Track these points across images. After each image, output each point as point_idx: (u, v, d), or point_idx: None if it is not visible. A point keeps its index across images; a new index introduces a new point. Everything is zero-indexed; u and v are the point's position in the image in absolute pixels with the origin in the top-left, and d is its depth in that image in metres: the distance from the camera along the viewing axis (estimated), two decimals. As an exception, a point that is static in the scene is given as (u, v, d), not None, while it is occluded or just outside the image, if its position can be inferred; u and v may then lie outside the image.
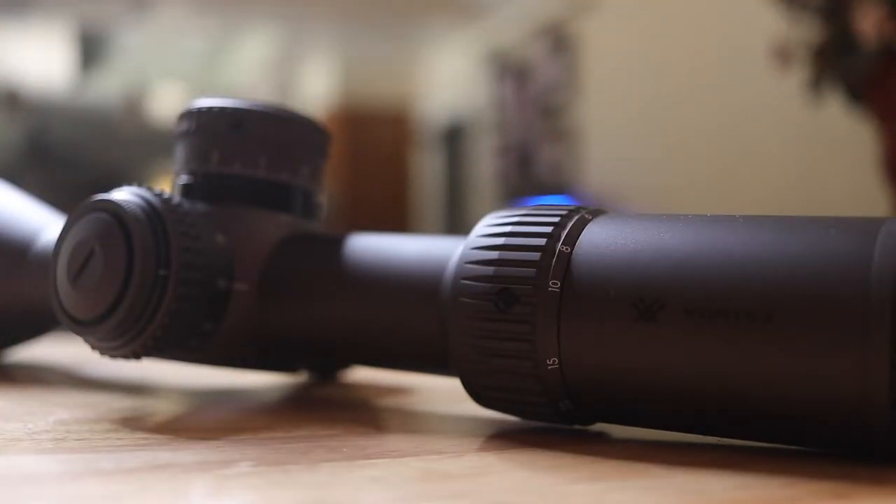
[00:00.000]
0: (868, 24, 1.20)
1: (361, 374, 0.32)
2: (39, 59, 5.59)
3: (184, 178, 0.27)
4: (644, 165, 3.56)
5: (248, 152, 0.26)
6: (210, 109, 0.26)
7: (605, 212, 0.22)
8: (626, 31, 3.74)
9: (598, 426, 0.22)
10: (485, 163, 4.97)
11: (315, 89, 6.13)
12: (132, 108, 5.37)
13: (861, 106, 1.39)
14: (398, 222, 5.53)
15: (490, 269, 0.21)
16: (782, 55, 1.43)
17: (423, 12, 4.69)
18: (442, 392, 0.29)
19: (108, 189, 0.25)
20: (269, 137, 0.26)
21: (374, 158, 6.02)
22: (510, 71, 4.69)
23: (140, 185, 0.25)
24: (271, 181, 0.26)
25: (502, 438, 0.22)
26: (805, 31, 1.39)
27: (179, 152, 0.27)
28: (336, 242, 0.26)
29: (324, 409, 0.27)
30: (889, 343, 0.17)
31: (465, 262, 0.22)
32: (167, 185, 0.28)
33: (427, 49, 5.61)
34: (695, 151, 3.24)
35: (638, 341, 0.19)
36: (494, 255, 0.21)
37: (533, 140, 4.46)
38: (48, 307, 0.25)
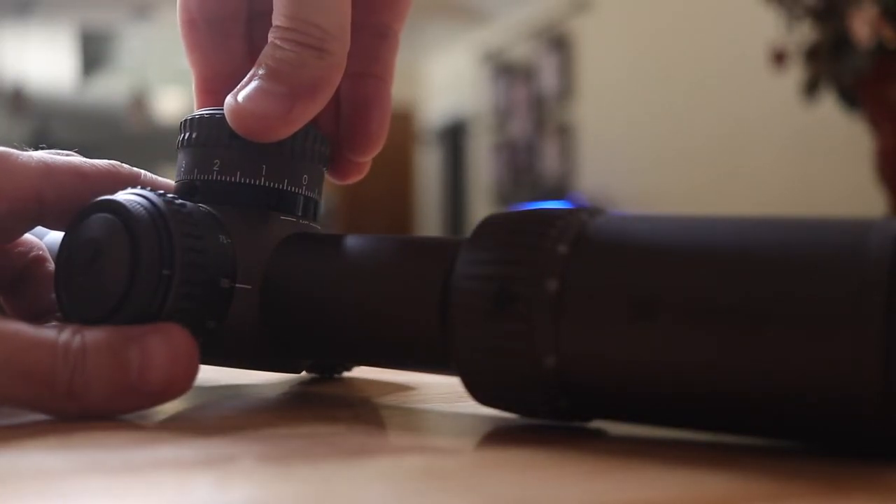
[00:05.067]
0: (862, 25, 1.20)
1: (362, 373, 0.32)
2: (43, 61, 5.58)
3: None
4: (639, 166, 3.56)
5: (248, 161, 0.26)
6: (211, 118, 0.26)
7: (604, 212, 0.22)
8: (622, 33, 3.74)
9: (596, 423, 0.22)
10: (484, 162, 4.97)
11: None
12: (136, 109, 5.36)
13: (856, 106, 1.39)
14: (398, 222, 5.53)
15: (489, 269, 0.21)
16: (778, 56, 1.43)
17: (423, 14, 4.69)
18: (442, 390, 0.29)
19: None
20: (269, 146, 0.26)
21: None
22: (508, 71, 4.69)
23: (144, 186, 0.26)
24: (272, 189, 0.26)
25: (501, 435, 0.22)
26: (800, 33, 1.39)
27: (181, 161, 0.27)
28: (337, 242, 0.26)
29: (325, 406, 0.27)
30: (881, 340, 0.17)
31: (465, 261, 0.22)
32: None
33: (426, 50, 5.60)
34: (690, 152, 3.24)
35: (635, 339, 0.20)
36: (494, 254, 0.21)
37: (531, 140, 4.45)
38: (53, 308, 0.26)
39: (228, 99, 0.26)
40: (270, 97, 0.25)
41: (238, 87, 0.26)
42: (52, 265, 0.29)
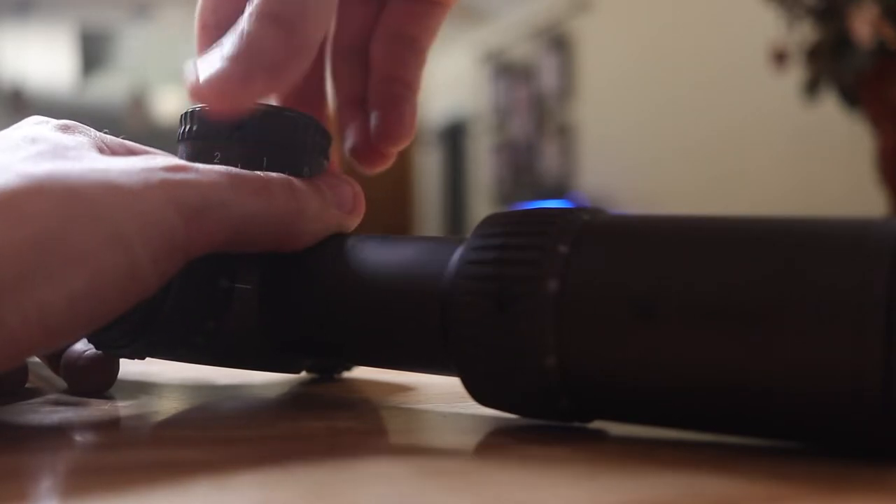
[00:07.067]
0: (862, 25, 1.20)
1: (362, 373, 0.32)
2: (43, 61, 5.58)
3: None
4: (640, 166, 3.56)
5: (249, 153, 0.26)
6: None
7: (604, 212, 0.22)
8: (622, 33, 3.74)
9: (597, 423, 0.22)
10: (484, 162, 4.97)
11: (314, 90, 6.11)
12: (135, 108, 5.37)
13: (857, 106, 1.39)
14: (398, 222, 5.52)
15: (489, 269, 0.21)
16: (778, 56, 1.43)
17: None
18: (442, 390, 0.29)
19: None
20: (270, 138, 0.26)
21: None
22: (508, 71, 4.69)
23: None
24: None
25: (502, 436, 0.22)
26: (801, 33, 1.39)
27: (181, 154, 0.27)
28: (337, 242, 0.26)
29: (325, 406, 0.27)
30: (882, 340, 0.17)
31: (465, 261, 0.22)
32: None
33: (426, 49, 5.58)
34: (690, 152, 3.24)
35: (636, 339, 0.20)
36: (494, 254, 0.21)
37: (531, 140, 4.45)
38: None
39: (190, 66, 0.25)
40: (226, 77, 0.24)
41: (203, 54, 0.25)
42: None
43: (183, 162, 0.23)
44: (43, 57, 5.55)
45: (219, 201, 0.23)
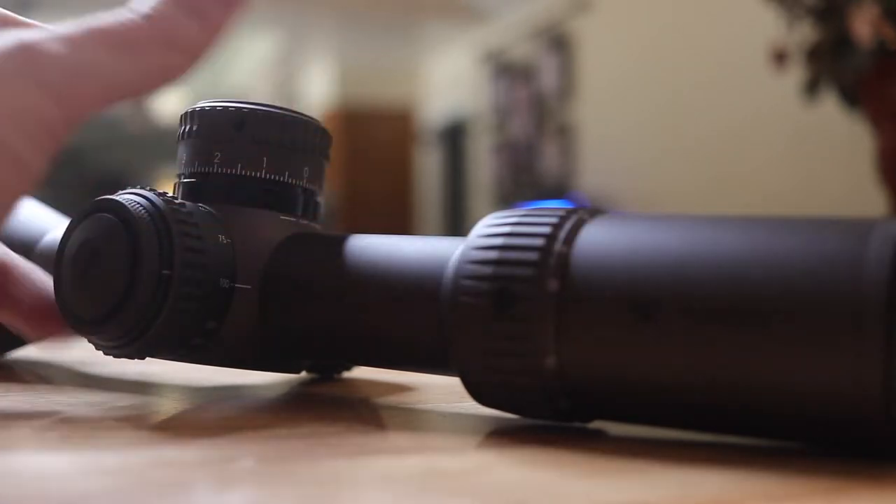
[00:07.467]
0: (862, 24, 1.20)
1: (362, 373, 0.32)
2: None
3: (186, 179, 0.27)
4: (640, 166, 3.56)
5: (249, 153, 0.26)
6: (212, 110, 0.26)
7: (604, 213, 0.22)
8: (622, 33, 3.74)
9: (597, 423, 0.22)
10: (484, 162, 4.97)
11: (316, 90, 6.12)
12: (136, 109, 5.37)
13: (857, 106, 1.39)
14: (398, 222, 5.53)
15: (489, 269, 0.21)
16: (778, 56, 1.43)
17: (423, 13, 4.68)
18: (442, 390, 0.29)
19: (112, 190, 0.25)
20: (270, 138, 0.26)
21: (375, 158, 6.01)
22: (508, 71, 4.69)
23: (144, 186, 0.26)
24: (273, 182, 0.26)
25: (502, 436, 0.22)
26: (801, 33, 1.39)
27: (182, 153, 0.27)
28: (337, 242, 0.26)
29: (325, 407, 0.27)
30: (882, 341, 0.17)
31: (465, 262, 0.22)
32: (170, 186, 0.28)
33: (426, 50, 5.60)
34: (690, 152, 3.24)
35: (635, 340, 0.20)
36: (494, 254, 0.21)
37: (531, 140, 4.45)
38: None
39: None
40: None
41: None
42: (17, 267, 0.28)
43: (38, 36, 0.22)
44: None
45: (85, 71, 0.21)
